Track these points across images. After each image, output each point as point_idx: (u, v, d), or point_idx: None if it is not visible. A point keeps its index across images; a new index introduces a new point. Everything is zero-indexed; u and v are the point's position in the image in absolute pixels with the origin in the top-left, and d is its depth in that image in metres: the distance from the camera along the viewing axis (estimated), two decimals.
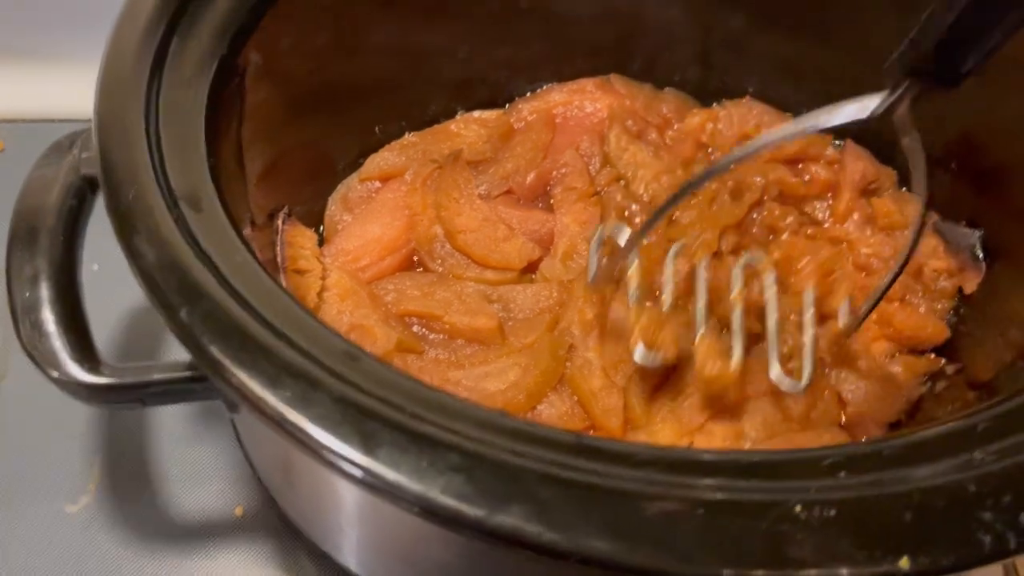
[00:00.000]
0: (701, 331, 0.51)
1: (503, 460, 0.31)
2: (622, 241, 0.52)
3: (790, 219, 0.61)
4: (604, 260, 0.54)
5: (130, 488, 0.61)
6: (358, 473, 0.31)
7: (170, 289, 0.34)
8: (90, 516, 0.60)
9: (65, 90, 0.80)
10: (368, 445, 0.31)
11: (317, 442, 0.31)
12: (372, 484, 0.31)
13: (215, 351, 0.32)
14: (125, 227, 0.36)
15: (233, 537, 0.59)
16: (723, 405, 0.51)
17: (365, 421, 0.31)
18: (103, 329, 0.67)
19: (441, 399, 0.34)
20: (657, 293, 0.54)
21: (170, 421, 0.63)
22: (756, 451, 0.40)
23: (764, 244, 0.61)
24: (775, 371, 0.50)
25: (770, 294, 0.53)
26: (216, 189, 0.39)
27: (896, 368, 0.56)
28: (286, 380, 0.32)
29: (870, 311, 0.51)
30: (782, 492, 0.32)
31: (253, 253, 0.38)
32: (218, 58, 0.43)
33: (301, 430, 0.31)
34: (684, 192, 0.45)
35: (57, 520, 0.60)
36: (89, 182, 0.44)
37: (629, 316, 0.52)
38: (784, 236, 0.61)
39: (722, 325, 0.54)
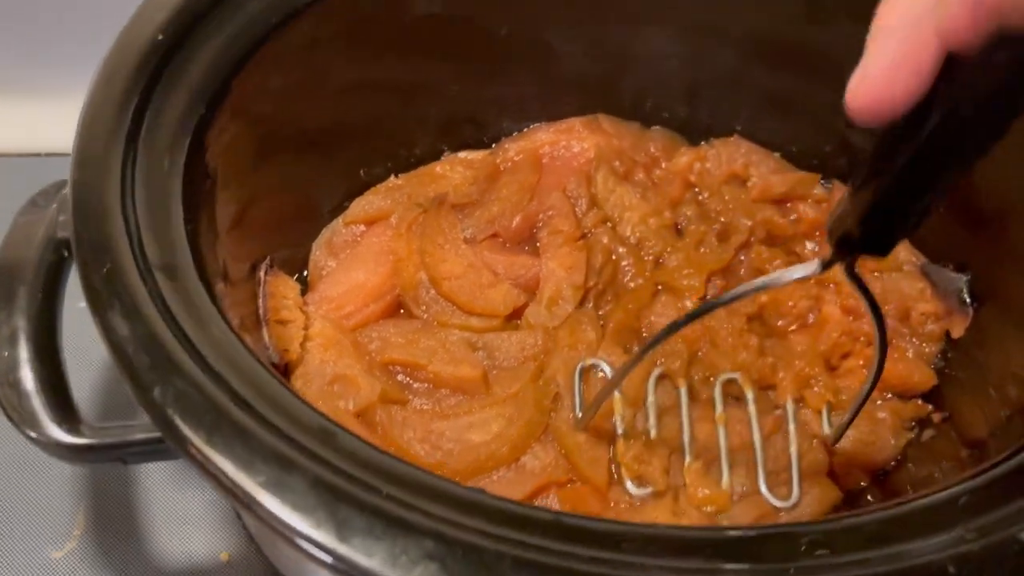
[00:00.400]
0: (687, 460, 0.52)
1: (479, 546, 0.31)
2: (607, 373, 0.54)
3: (778, 261, 0.61)
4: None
5: (115, 534, 0.61)
6: (330, 560, 0.30)
7: (143, 367, 0.34)
8: (76, 562, 0.60)
9: (50, 125, 0.79)
10: (342, 532, 0.30)
11: (290, 528, 0.31)
12: (346, 571, 0.30)
13: (188, 433, 0.32)
14: (99, 302, 0.35)
15: None
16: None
17: (339, 507, 0.31)
18: (89, 367, 0.67)
19: (417, 477, 0.33)
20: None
21: (156, 467, 0.63)
22: (736, 527, 0.40)
23: None
24: (764, 490, 0.52)
25: (751, 412, 0.54)
26: (193, 254, 0.39)
27: (882, 414, 0.56)
28: (259, 465, 0.31)
29: (850, 422, 0.52)
30: (762, 574, 0.31)
31: (228, 322, 0.37)
32: (195, 120, 0.42)
33: (274, 516, 0.31)
34: (668, 332, 0.47)
35: (43, 566, 0.59)
36: (66, 244, 0.43)
37: (616, 448, 0.53)
38: None
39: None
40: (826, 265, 0.38)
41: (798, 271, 0.39)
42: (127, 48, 0.43)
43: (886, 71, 0.29)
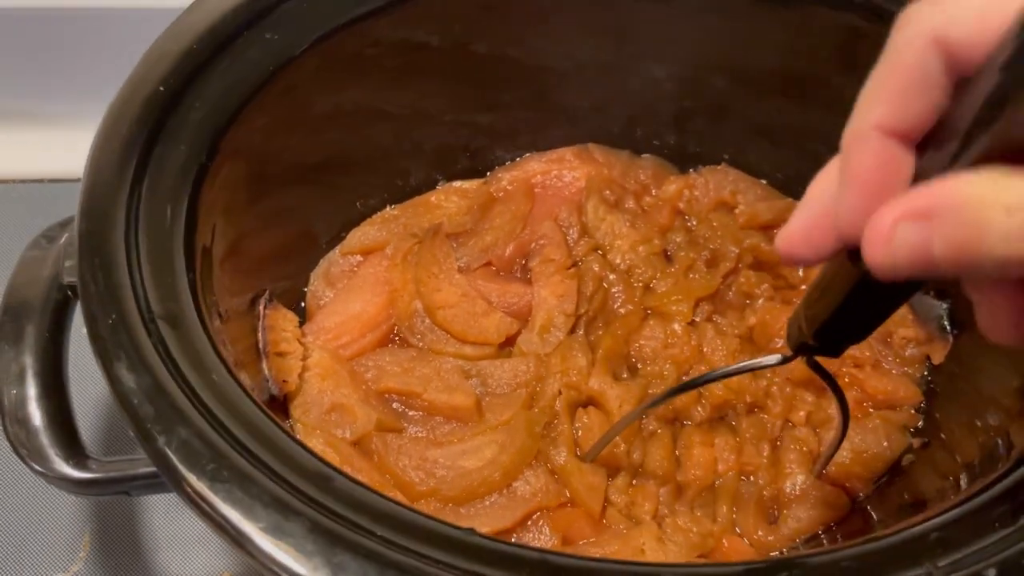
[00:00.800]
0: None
1: None
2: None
3: (765, 285, 0.63)
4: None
5: (119, 556, 0.62)
6: None
7: (148, 417, 0.35)
8: None
9: (53, 152, 0.81)
10: None
11: (289, 571, 0.32)
12: None
13: (191, 480, 0.34)
14: (105, 354, 0.37)
15: None
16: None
17: (336, 552, 0.32)
18: (91, 395, 0.68)
19: (409, 519, 0.35)
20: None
21: None
22: (719, 564, 0.42)
23: (740, 309, 0.62)
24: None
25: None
26: (194, 301, 0.40)
27: (875, 422, 0.57)
28: (259, 510, 0.33)
29: (824, 468, 0.55)
30: None
31: (228, 366, 0.39)
32: (195, 168, 0.44)
33: (274, 560, 0.32)
34: (656, 402, 0.51)
35: None
36: (71, 290, 0.45)
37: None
38: (760, 302, 0.62)
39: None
40: (787, 359, 0.41)
41: (765, 361, 0.43)
42: (130, 99, 0.44)
43: (802, 232, 0.33)
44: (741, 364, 0.45)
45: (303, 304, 0.62)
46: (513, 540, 0.52)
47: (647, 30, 0.63)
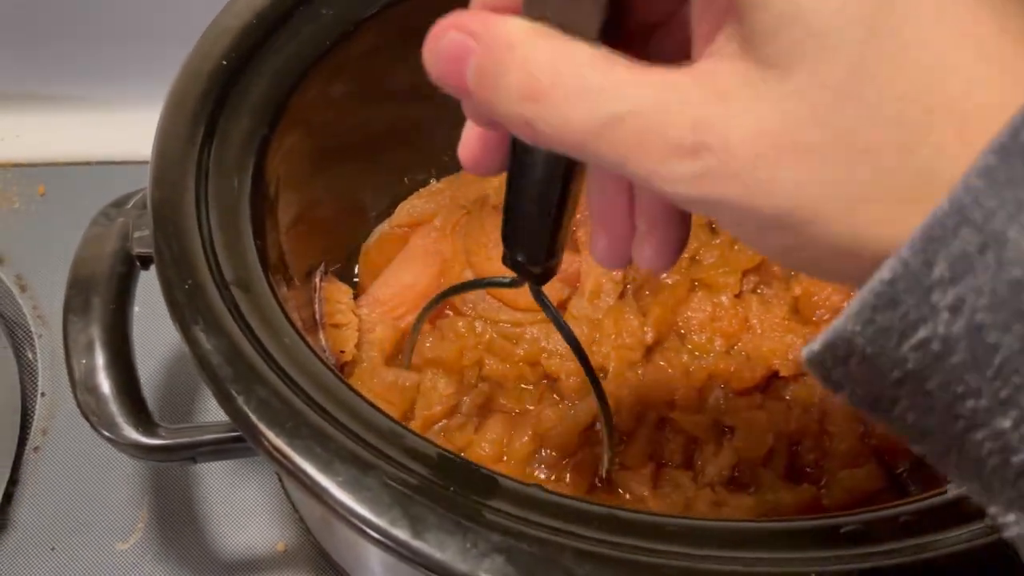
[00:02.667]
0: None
1: (541, 538, 0.33)
2: None
3: None
4: None
5: (177, 526, 0.64)
6: (407, 553, 0.33)
7: (227, 378, 0.36)
8: (140, 553, 0.63)
9: (102, 135, 0.83)
10: (416, 528, 0.33)
11: (370, 523, 0.33)
12: (420, 563, 0.33)
13: (272, 437, 0.35)
14: (182, 317, 0.38)
15: (275, 572, 0.62)
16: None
17: (412, 504, 0.33)
18: (145, 370, 0.70)
19: (481, 476, 0.36)
20: None
21: (214, 463, 0.66)
22: (779, 520, 0.42)
23: (785, 280, 0.63)
24: None
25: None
26: (263, 269, 0.42)
27: None
28: (338, 465, 0.34)
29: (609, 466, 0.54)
30: (806, 563, 0.34)
31: (299, 331, 0.40)
32: (258, 140, 0.45)
33: (354, 513, 0.33)
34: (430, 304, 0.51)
35: (109, 557, 0.62)
36: (140, 259, 0.46)
37: None
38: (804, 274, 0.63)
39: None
40: (514, 283, 0.40)
41: (497, 280, 0.43)
42: (195, 73, 0.45)
43: (472, 144, 0.34)
44: (477, 280, 0.46)
45: (355, 278, 0.64)
46: None
47: None
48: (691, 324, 0.60)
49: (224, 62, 0.46)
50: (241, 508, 0.65)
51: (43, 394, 0.69)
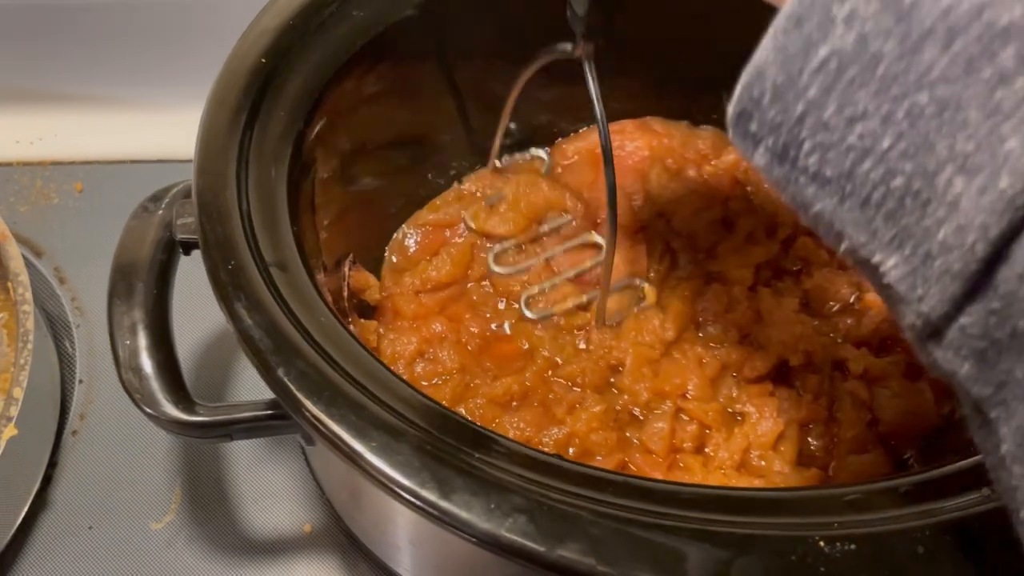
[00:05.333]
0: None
1: (560, 501, 0.35)
2: None
3: (822, 251, 0.65)
4: None
5: (208, 507, 0.67)
6: (435, 513, 0.35)
7: (268, 350, 0.39)
8: (173, 533, 0.65)
9: (136, 135, 0.86)
10: (444, 490, 0.35)
11: (401, 485, 0.36)
12: (447, 522, 0.35)
13: (310, 406, 0.37)
14: (226, 294, 0.40)
15: (303, 552, 0.65)
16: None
17: (440, 468, 0.36)
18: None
19: (504, 445, 0.38)
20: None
21: (244, 447, 0.69)
22: (784, 489, 0.44)
23: (797, 275, 0.65)
24: None
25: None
26: (299, 253, 0.44)
27: (924, 384, 0.60)
28: (372, 432, 0.37)
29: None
30: (808, 528, 0.36)
31: (332, 311, 0.43)
32: (294, 133, 0.48)
33: (387, 476, 0.36)
34: None
35: (143, 536, 0.65)
36: (183, 245, 0.49)
37: None
38: (816, 267, 0.65)
39: None
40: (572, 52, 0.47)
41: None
42: (236, 70, 0.48)
43: None
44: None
45: (380, 269, 0.66)
46: None
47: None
48: (707, 316, 0.62)
49: (263, 60, 0.49)
50: (269, 491, 0.67)
51: (81, 381, 0.72)
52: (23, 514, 0.64)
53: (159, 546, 0.65)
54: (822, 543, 0.35)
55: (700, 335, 0.61)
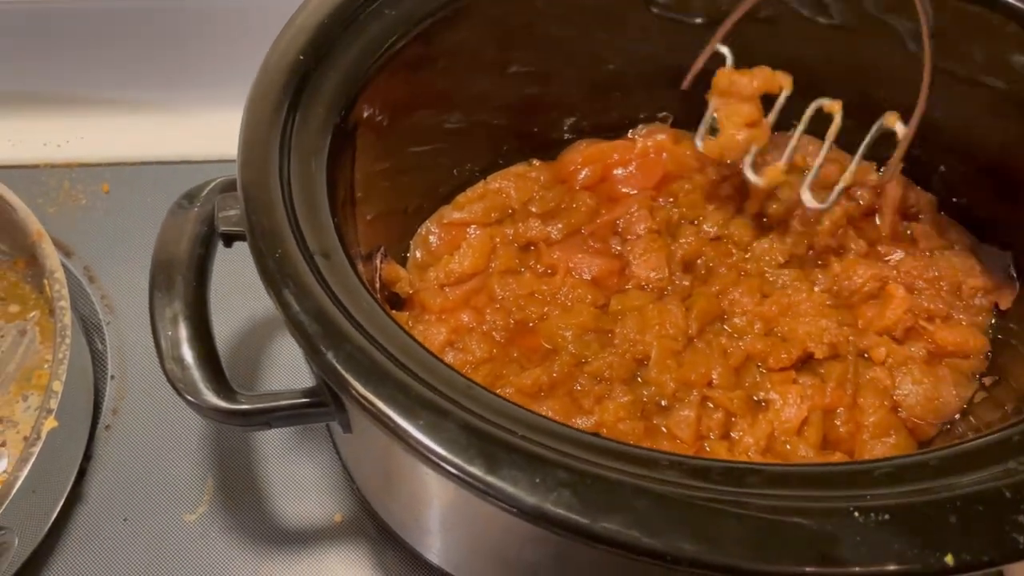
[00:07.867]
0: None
1: (603, 475, 0.37)
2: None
3: (851, 244, 0.66)
4: None
5: (240, 499, 0.68)
6: (482, 487, 0.36)
7: (316, 335, 0.40)
8: (206, 524, 0.67)
9: (161, 137, 0.87)
10: (490, 465, 0.36)
11: (450, 461, 0.37)
12: (494, 497, 0.36)
13: (360, 387, 0.39)
14: (275, 282, 0.42)
15: (333, 541, 0.66)
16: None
17: (487, 445, 0.37)
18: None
19: (545, 424, 0.39)
20: None
21: (274, 440, 0.70)
22: (819, 463, 0.45)
23: (825, 268, 0.66)
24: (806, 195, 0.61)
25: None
26: (340, 242, 0.45)
27: (944, 371, 0.61)
28: (420, 411, 0.38)
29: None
30: (842, 500, 0.37)
31: (375, 297, 0.44)
32: (332, 127, 0.49)
33: (435, 452, 0.37)
34: None
35: (178, 528, 0.67)
36: (225, 237, 0.50)
37: None
38: (848, 256, 0.66)
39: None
40: None
41: None
42: (276, 66, 0.50)
43: None
44: None
45: (409, 262, 0.67)
46: None
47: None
48: (734, 311, 0.64)
49: (301, 56, 0.50)
50: (300, 483, 0.69)
51: (112, 377, 0.74)
52: (59, 507, 0.65)
53: (193, 537, 0.66)
54: (856, 514, 0.36)
55: (726, 327, 0.62)
